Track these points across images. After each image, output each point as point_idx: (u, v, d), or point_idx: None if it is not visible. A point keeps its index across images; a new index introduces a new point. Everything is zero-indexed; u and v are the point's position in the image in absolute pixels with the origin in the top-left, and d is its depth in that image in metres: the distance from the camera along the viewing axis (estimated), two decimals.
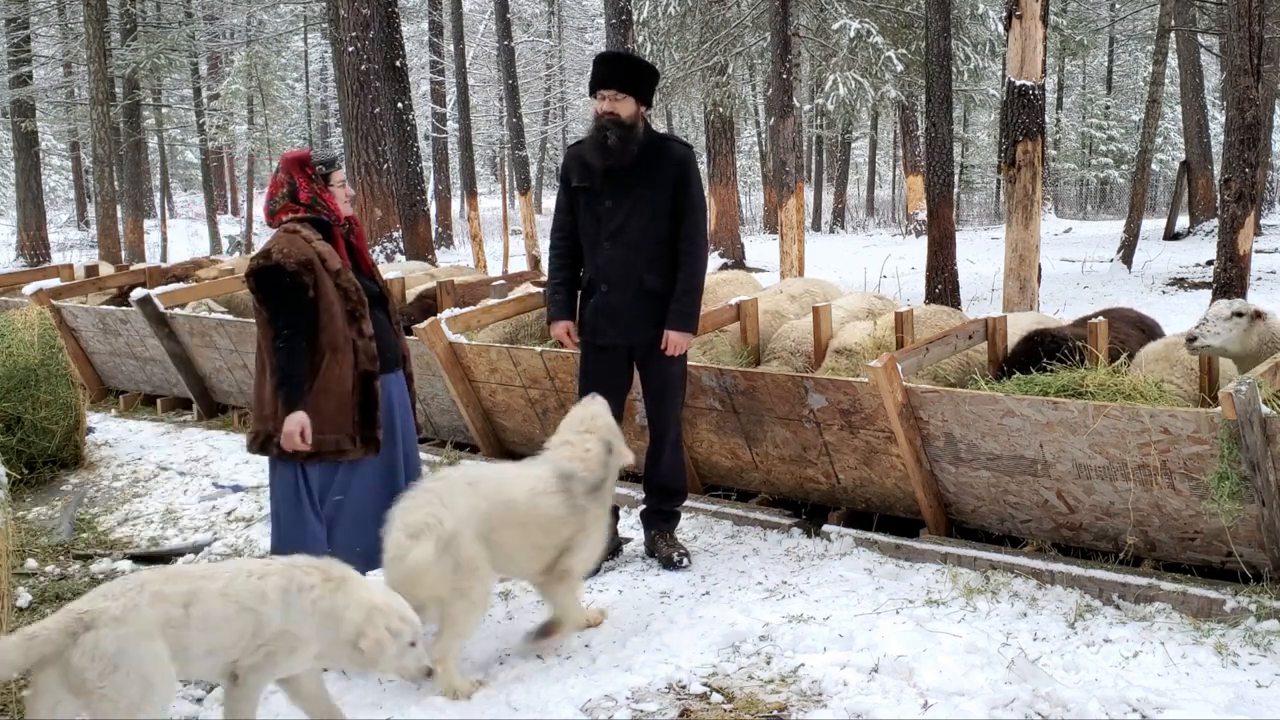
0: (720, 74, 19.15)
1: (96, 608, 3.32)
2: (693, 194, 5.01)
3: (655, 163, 4.97)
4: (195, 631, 3.39)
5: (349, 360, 4.37)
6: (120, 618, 3.31)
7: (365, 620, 3.47)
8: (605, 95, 4.90)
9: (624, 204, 4.97)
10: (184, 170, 41.97)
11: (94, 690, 3.25)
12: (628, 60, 5.03)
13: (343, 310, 4.37)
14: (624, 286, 5.02)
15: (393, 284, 8.39)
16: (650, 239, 4.99)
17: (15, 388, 7.14)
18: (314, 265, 4.33)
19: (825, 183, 35.49)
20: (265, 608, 3.44)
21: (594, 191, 5.03)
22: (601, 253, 5.04)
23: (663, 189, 4.96)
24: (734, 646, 4.39)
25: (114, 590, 3.41)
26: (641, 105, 4.98)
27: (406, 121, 15.73)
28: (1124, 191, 35.09)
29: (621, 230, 4.98)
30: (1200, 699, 3.81)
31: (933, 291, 13.16)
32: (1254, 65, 9.27)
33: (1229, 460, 4.35)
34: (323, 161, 4.46)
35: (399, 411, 4.63)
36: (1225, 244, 9.70)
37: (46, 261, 22.30)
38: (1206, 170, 21.70)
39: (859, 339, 6.08)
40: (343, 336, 4.36)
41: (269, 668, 3.51)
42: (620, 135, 4.89)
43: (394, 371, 4.61)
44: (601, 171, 4.97)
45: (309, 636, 3.48)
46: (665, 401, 5.20)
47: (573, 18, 42.90)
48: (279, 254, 4.30)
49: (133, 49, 22.63)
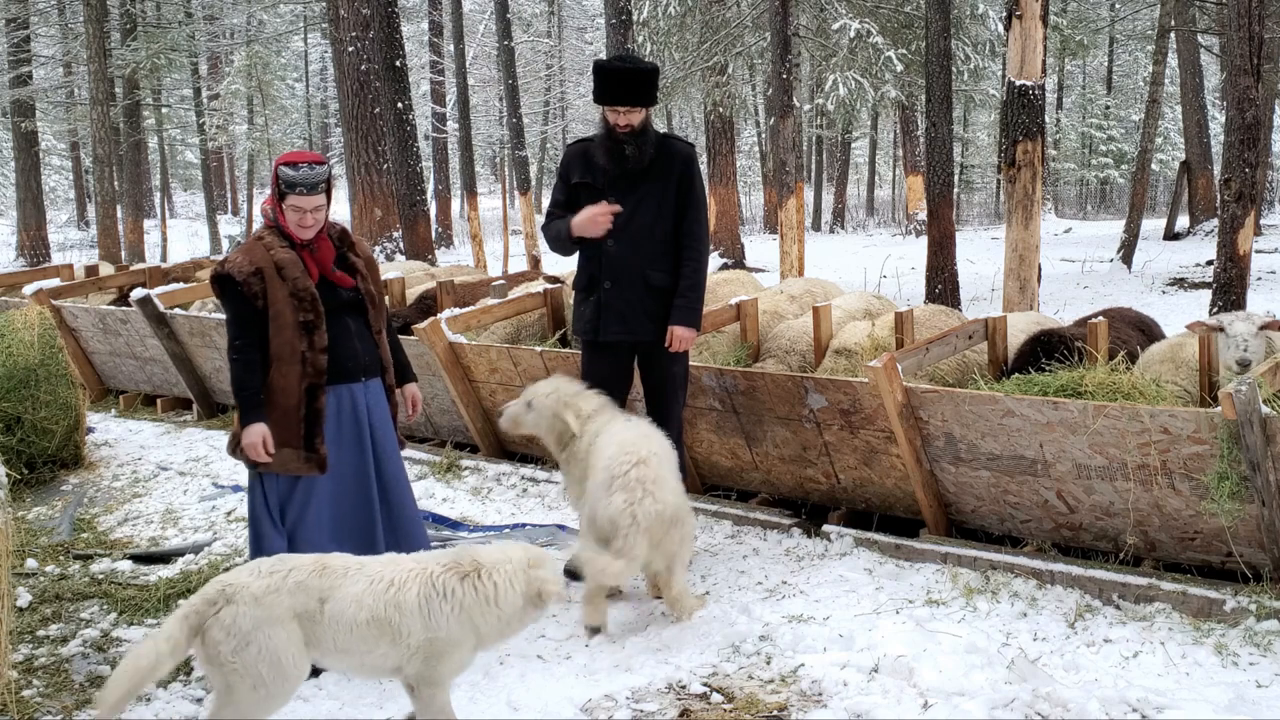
0: (720, 74, 19.14)
1: (240, 582, 3.42)
2: (696, 191, 5.05)
3: (661, 161, 5.00)
4: (327, 628, 3.45)
5: (295, 372, 4.31)
6: (259, 598, 3.41)
7: (525, 582, 3.56)
8: (618, 110, 4.92)
9: (628, 201, 4.99)
10: (184, 170, 41.97)
11: (225, 663, 3.36)
12: (636, 74, 4.96)
13: (294, 321, 4.29)
14: (628, 283, 5.04)
15: (392, 284, 8.39)
16: (654, 236, 5.02)
17: (15, 388, 7.14)
18: (266, 273, 4.28)
19: (825, 183, 35.47)
20: (404, 619, 3.47)
21: (597, 188, 5.04)
22: (604, 250, 5.05)
23: (668, 187, 5.00)
24: (734, 646, 4.39)
25: (264, 568, 3.50)
26: (649, 108, 5.02)
27: (406, 121, 15.72)
28: (1124, 191, 35.10)
29: (625, 227, 4.99)
30: (1200, 699, 3.81)
31: (933, 291, 13.16)
32: (1254, 65, 9.27)
33: (1229, 460, 4.35)
34: (284, 181, 4.28)
35: (376, 422, 4.52)
36: (1225, 244, 9.70)
37: (46, 261, 22.31)
38: (1206, 170, 21.70)
39: (858, 339, 6.08)
40: (290, 348, 4.29)
41: (431, 674, 3.54)
42: (638, 145, 4.96)
43: (360, 381, 4.48)
44: (613, 174, 5.00)
45: (460, 638, 3.52)
46: (666, 399, 5.21)
47: (573, 18, 42.90)
48: (231, 262, 4.31)
49: (133, 49, 22.62)
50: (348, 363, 4.43)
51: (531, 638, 4.52)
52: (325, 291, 4.39)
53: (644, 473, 4.41)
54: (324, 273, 4.40)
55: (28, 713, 4.09)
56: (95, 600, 5.17)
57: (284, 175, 4.28)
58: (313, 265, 4.38)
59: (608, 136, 5.00)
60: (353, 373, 4.45)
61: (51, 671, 4.45)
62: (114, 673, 3.30)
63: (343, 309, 4.43)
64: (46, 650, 4.64)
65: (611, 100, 4.93)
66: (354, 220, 14.90)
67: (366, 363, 4.51)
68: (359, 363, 4.47)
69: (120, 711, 3.36)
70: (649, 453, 4.52)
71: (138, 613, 5.00)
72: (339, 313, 4.42)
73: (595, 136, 5.13)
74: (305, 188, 4.27)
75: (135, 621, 4.92)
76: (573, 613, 4.75)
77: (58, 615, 5.02)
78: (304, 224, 4.34)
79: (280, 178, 4.29)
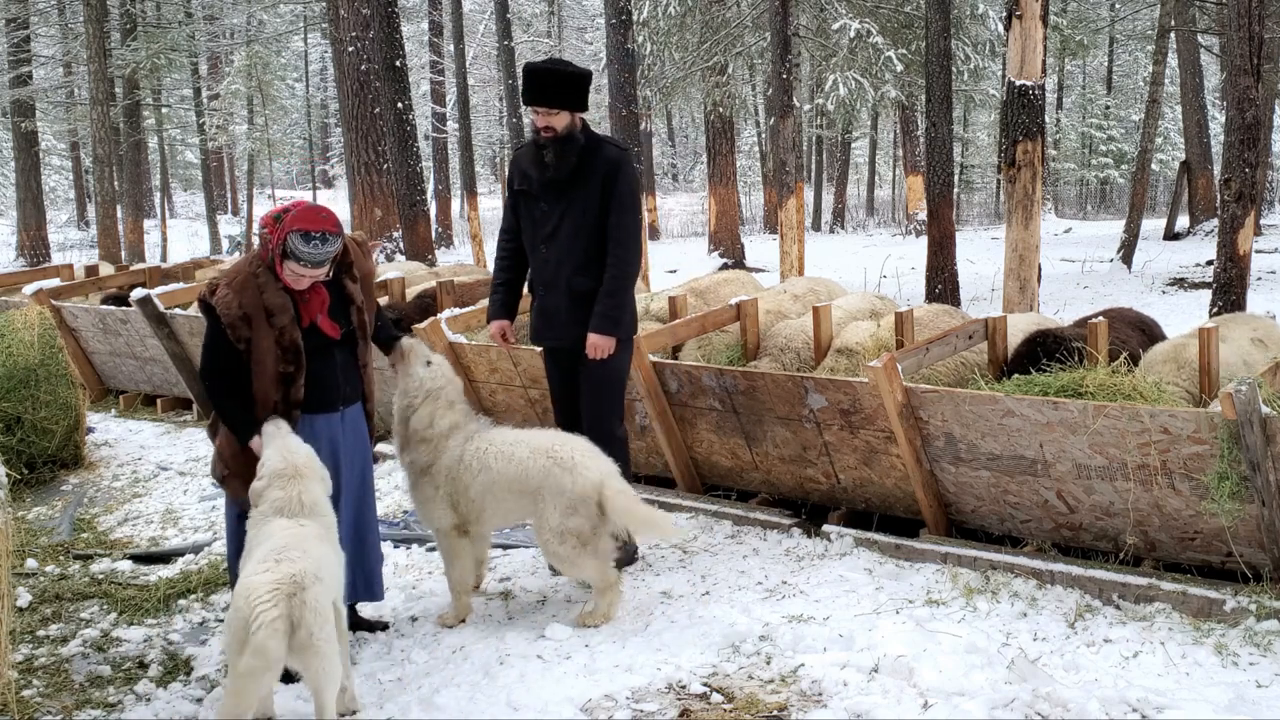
0: (720, 74, 19.15)
1: (295, 570, 3.56)
2: (621, 194, 4.94)
3: (588, 166, 4.94)
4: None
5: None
6: (319, 574, 3.59)
7: None
8: (538, 111, 4.87)
9: (557, 208, 4.98)
10: (184, 170, 41.92)
11: (311, 645, 3.50)
12: (556, 75, 4.88)
13: (274, 371, 4.18)
14: (556, 289, 5.05)
15: (393, 284, 8.40)
16: (580, 242, 4.98)
17: (15, 388, 7.14)
18: (254, 321, 4.14)
19: (825, 183, 35.42)
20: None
21: (532, 195, 5.05)
22: (538, 256, 5.09)
23: (593, 191, 4.94)
24: (734, 646, 4.39)
25: (289, 552, 3.64)
26: (576, 113, 4.93)
27: (406, 121, 15.71)
28: (1124, 191, 35.07)
29: (554, 234, 5.00)
30: (1200, 699, 3.81)
31: (933, 291, 13.17)
32: (1254, 65, 9.26)
33: (1229, 460, 4.35)
34: (291, 251, 4.07)
35: (347, 449, 4.46)
36: (1225, 244, 9.70)
37: (46, 261, 22.30)
38: (1206, 170, 21.69)
39: (860, 339, 6.08)
40: (264, 396, 4.19)
41: None
42: (557, 151, 4.88)
43: (337, 410, 4.40)
44: (541, 180, 4.99)
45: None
46: (597, 404, 5.14)
47: (573, 18, 42.93)
48: (221, 301, 4.15)
49: (133, 49, 22.63)
50: (327, 394, 4.35)
51: (532, 638, 4.52)
52: (313, 332, 4.27)
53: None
54: (313, 320, 4.27)
55: (28, 713, 4.09)
56: (95, 600, 5.17)
57: (292, 245, 4.06)
58: (304, 311, 4.25)
59: (532, 141, 5.00)
60: (330, 404, 4.38)
61: (51, 671, 4.45)
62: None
63: (331, 344, 4.34)
64: (46, 650, 4.64)
65: (529, 100, 4.89)
66: (354, 220, 14.91)
67: (347, 393, 4.45)
68: (339, 394, 4.40)
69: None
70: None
71: (138, 613, 5.01)
72: (327, 348, 4.32)
73: (525, 142, 5.15)
74: (310, 264, 4.12)
75: (135, 621, 4.92)
76: (572, 612, 4.75)
77: (58, 615, 5.02)
78: (300, 284, 4.21)
79: (288, 243, 4.07)
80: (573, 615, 4.71)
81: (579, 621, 4.62)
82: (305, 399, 4.27)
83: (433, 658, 4.43)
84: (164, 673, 4.43)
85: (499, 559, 5.48)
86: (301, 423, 4.27)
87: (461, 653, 4.44)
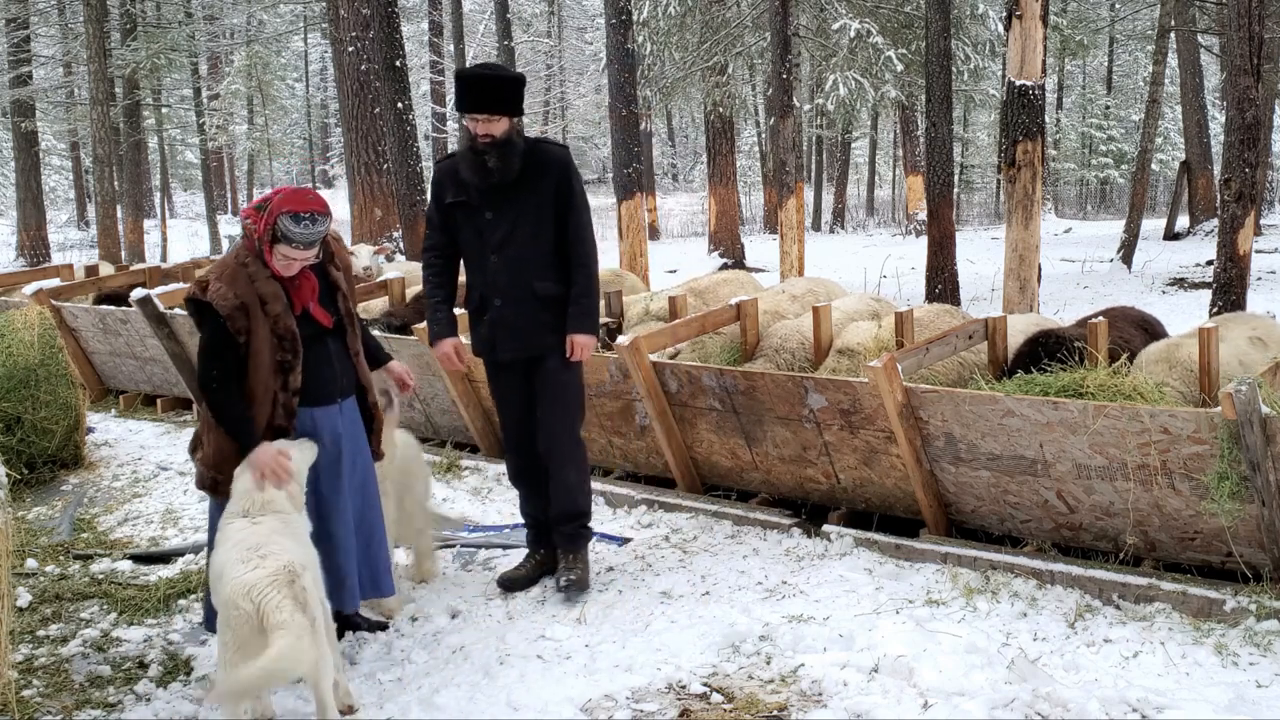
0: (720, 74, 19.15)
1: (285, 561, 3.69)
2: (575, 192, 4.89)
3: (535, 170, 4.84)
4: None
5: (265, 413, 4.18)
6: (305, 562, 3.76)
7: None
8: (477, 119, 4.75)
9: (507, 214, 4.85)
10: (184, 170, 41.94)
11: (313, 633, 3.65)
12: (493, 81, 4.79)
13: (272, 360, 4.14)
14: (519, 298, 4.88)
15: (393, 284, 8.40)
16: (538, 246, 4.86)
17: (15, 388, 7.14)
18: (250, 309, 4.10)
19: (825, 183, 35.42)
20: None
21: (472, 206, 4.90)
22: (489, 266, 4.90)
23: (545, 194, 4.84)
24: (734, 646, 4.39)
25: (265, 545, 3.76)
26: (514, 118, 4.85)
27: (406, 121, 15.71)
28: (1124, 191, 35.07)
29: (508, 241, 4.85)
30: (1200, 699, 3.81)
31: (933, 292, 13.18)
32: (1254, 65, 9.26)
33: (1229, 460, 4.35)
34: (282, 233, 4.05)
35: (349, 445, 4.44)
36: (1225, 244, 9.70)
37: (46, 261, 22.31)
38: (1206, 170, 21.70)
39: (861, 339, 6.08)
40: (264, 387, 4.16)
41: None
42: (500, 156, 4.77)
43: (336, 403, 4.39)
44: (482, 188, 4.86)
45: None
46: (565, 411, 5.01)
47: (573, 18, 42.94)
48: (214, 292, 4.09)
49: (133, 49, 22.63)
50: (325, 387, 4.34)
51: (532, 638, 4.52)
52: (306, 320, 4.26)
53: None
54: (305, 307, 4.26)
55: (28, 713, 4.09)
56: (95, 600, 5.17)
57: (283, 228, 4.05)
58: (296, 299, 4.22)
59: (470, 149, 4.85)
60: (329, 396, 4.37)
61: (51, 671, 4.45)
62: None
63: (323, 333, 4.33)
64: (46, 650, 4.64)
65: (468, 107, 4.75)
66: (354, 220, 14.90)
67: (344, 385, 4.43)
68: (336, 386, 4.39)
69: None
70: None
71: (138, 613, 5.00)
72: (320, 338, 4.31)
73: (458, 152, 5.00)
74: (302, 245, 4.10)
75: (135, 621, 4.92)
76: (572, 612, 4.75)
77: (58, 615, 5.02)
78: (290, 269, 4.19)
79: (278, 226, 4.05)
80: (573, 615, 4.71)
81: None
82: (303, 391, 4.26)
83: (433, 658, 4.43)
84: (164, 673, 4.43)
85: (499, 559, 5.48)
86: (302, 416, 4.27)
87: (461, 653, 4.45)
